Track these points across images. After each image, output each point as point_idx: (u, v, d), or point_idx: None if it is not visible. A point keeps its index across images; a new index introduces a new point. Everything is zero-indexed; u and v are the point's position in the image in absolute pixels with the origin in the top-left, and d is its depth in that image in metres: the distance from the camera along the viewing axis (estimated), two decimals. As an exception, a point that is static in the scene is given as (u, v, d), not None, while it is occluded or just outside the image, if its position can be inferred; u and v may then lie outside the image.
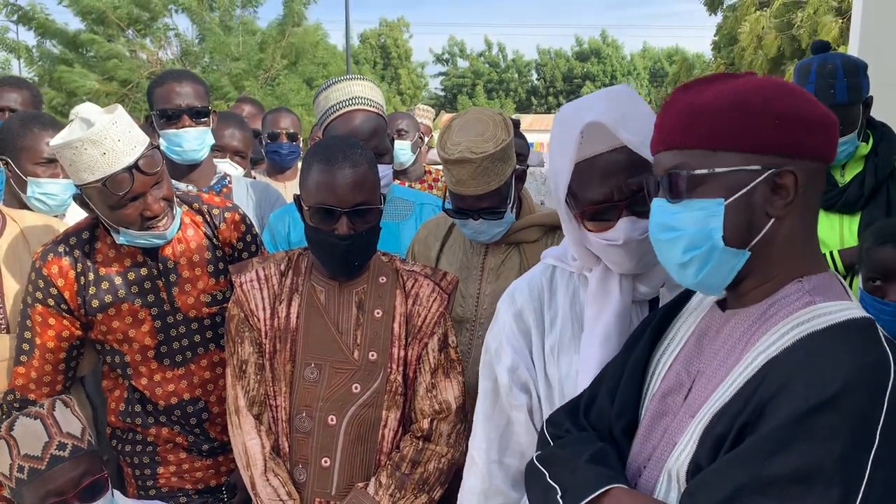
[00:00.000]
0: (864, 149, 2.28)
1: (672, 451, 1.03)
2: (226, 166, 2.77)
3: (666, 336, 1.16)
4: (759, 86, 0.99)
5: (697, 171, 0.99)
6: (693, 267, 1.01)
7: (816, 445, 0.86)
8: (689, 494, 0.95)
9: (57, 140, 1.69)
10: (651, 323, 1.19)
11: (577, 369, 1.35)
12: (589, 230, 1.30)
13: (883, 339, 0.93)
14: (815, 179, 1.01)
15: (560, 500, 1.05)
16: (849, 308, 0.97)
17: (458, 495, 1.51)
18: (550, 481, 1.09)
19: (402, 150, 3.52)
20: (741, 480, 0.89)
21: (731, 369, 1.00)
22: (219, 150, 2.79)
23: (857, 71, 2.17)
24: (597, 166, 1.26)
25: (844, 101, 2.15)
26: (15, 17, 13.92)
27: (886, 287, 1.76)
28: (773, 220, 0.99)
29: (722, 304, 1.09)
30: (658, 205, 1.05)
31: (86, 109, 1.70)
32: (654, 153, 1.07)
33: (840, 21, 10.96)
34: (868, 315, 0.97)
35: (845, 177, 2.29)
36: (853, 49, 3.20)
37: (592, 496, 1.01)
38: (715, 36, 14.80)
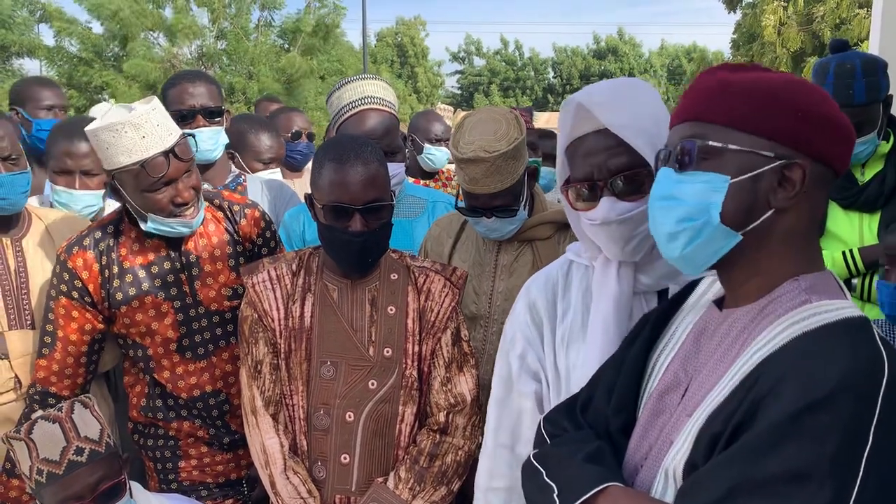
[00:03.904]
0: (885, 147, 2.26)
1: (669, 450, 1.03)
2: (277, 174, 2.89)
3: (664, 335, 1.17)
4: (792, 80, 1.00)
5: (711, 143, 0.99)
6: (682, 239, 1.01)
7: (808, 445, 0.86)
8: (682, 494, 0.95)
9: (94, 125, 1.74)
10: (649, 321, 1.19)
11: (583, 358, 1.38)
12: (577, 209, 1.37)
13: (877, 338, 0.93)
14: (823, 183, 1.01)
15: (556, 499, 1.05)
16: (844, 307, 0.97)
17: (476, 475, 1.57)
18: (547, 480, 1.09)
19: (447, 157, 3.58)
20: (734, 481, 0.88)
21: (727, 369, 1.00)
22: (270, 161, 2.92)
23: (876, 70, 2.15)
24: (581, 146, 1.34)
25: (863, 101, 2.13)
26: (38, 16, 14.08)
27: (891, 271, 1.86)
28: (772, 211, 0.99)
29: (719, 303, 1.09)
30: (663, 174, 1.04)
31: (105, 108, 1.74)
32: (672, 125, 1.08)
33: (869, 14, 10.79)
34: (863, 314, 0.97)
35: (865, 175, 2.27)
36: (874, 46, 3.16)
37: (588, 495, 1.02)
38: (734, 33, 14.64)
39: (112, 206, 2.44)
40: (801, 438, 0.86)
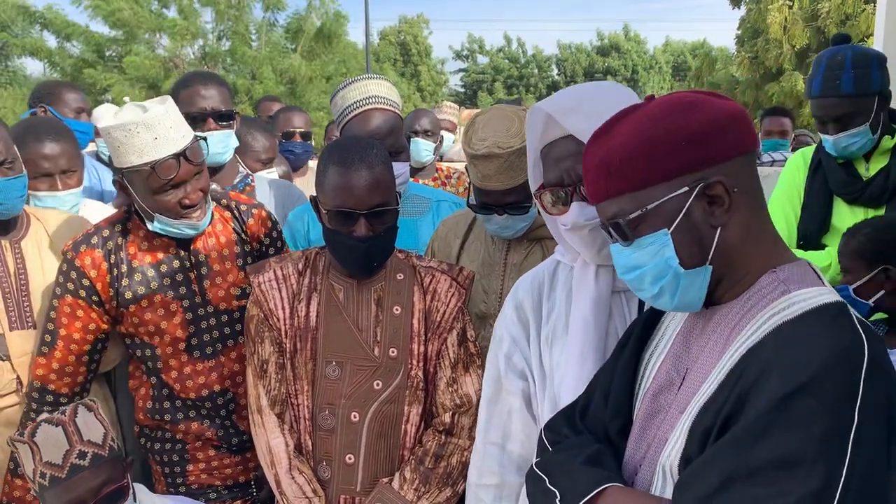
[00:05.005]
0: (889, 142, 2.24)
1: (664, 447, 1.05)
2: (274, 175, 2.92)
3: (654, 336, 1.19)
4: (657, 114, 1.03)
5: (632, 215, 1.03)
6: (666, 295, 1.06)
7: (796, 431, 0.88)
8: (679, 487, 0.97)
9: (108, 122, 1.74)
10: (639, 324, 1.22)
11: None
12: (550, 213, 1.40)
13: (855, 321, 0.95)
14: (746, 172, 1.03)
15: None
16: (822, 294, 0.99)
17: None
18: (550, 486, 1.11)
19: (426, 150, 3.56)
20: (728, 471, 0.91)
21: (715, 363, 1.03)
22: (269, 161, 2.95)
23: (867, 62, 2.14)
24: (552, 151, 1.38)
25: (850, 91, 2.12)
26: (38, 24, 14.09)
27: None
28: (720, 229, 1.02)
29: (706, 301, 1.11)
30: (616, 250, 1.10)
31: (108, 109, 1.74)
32: (593, 204, 1.11)
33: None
34: (840, 299, 0.99)
35: (870, 170, 2.26)
36: (878, 43, 3.14)
37: (588, 497, 1.04)
38: (738, 29, 14.59)
39: (88, 203, 2.44)
40: (787, 425, 0.88)
